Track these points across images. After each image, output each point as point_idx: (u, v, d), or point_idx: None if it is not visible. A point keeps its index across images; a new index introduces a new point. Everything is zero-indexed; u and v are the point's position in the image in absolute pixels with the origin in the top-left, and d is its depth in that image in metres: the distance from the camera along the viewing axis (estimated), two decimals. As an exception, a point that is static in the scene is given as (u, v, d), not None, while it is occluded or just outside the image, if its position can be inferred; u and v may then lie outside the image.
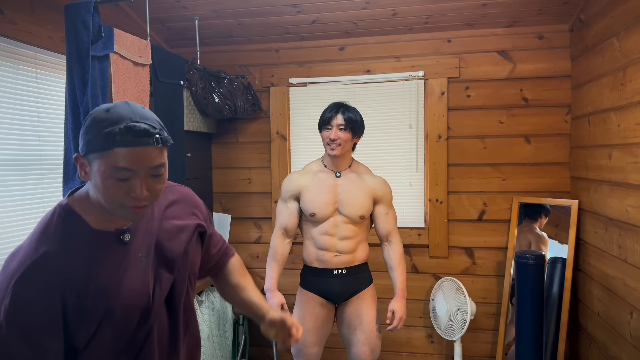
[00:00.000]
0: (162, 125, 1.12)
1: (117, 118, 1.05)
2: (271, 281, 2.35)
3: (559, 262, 2.85)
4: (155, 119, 1.10)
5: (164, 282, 1.21)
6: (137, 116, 1.07)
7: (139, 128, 1.04)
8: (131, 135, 1.04)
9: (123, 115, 1.05)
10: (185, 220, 1.31)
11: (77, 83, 2.07)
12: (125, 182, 1.05)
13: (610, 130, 2.39)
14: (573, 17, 2.88)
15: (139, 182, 1.06)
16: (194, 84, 2.99)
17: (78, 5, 2.06)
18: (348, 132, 2.29)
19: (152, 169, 1.07)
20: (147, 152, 1.05)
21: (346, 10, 2.91)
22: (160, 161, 1.08)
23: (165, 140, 1.08)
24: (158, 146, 1.07)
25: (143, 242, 1.19)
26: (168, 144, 1.10)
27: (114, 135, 1.03)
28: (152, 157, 1.07)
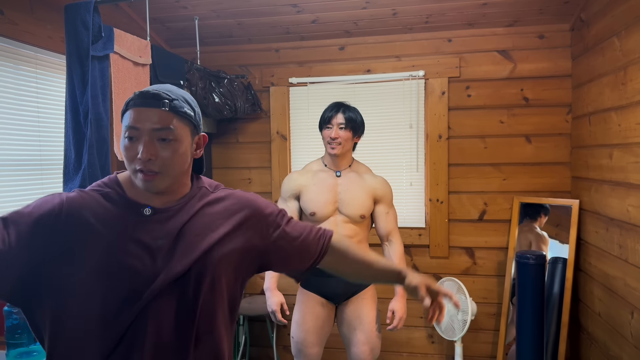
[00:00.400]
0: (187, 102, 1.17)
1: (143, 89, 1.15)
2: (271, 280, 2.35)
3: (560, 262, 2.84)
4: (181, 95, 1.17)
5: (172, 272, 1.11)
6: (159, 87, 1.15)
7: (150, 92, 1.12)
8: (140, 98, 1.12)
9: (149, 87, 1.15)
10: (225, 219, 1.21)
11: (77, 83, 2.06)
12: (133, 144, 1.11)
13: (611, 130, 2.39)
14: (574, 17, 2.88)
15: (144, 143, 1.10)
16: (194, 83, 2.99)
17: (78, 5, 2.06)
18: (348, 131, 2.29)
19: (155, 131, 1.11)
20: (151, 112, 1.11)
21: (346, 10, 2.91)
22: (164, 124, 1.11)
23: (174, 107, 1.12)
24: (163, 109, 1.11)
25: (166, 224, 1.15)
26: (180, 112, 1.13)
27: (129, 100, 1.13)
28: (156, 118, 1.11)
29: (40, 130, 2.34)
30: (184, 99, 1.16)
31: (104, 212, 1.12)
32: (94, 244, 1.09)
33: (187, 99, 1.18)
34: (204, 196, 1.23)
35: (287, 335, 3.40)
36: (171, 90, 1.16)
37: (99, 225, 1.10)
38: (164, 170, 1.12)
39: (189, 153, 1.18)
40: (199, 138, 1.23)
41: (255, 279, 3.48)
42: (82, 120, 2.06)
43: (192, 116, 1.17)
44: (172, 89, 1.17)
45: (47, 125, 2.38)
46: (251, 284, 3.49)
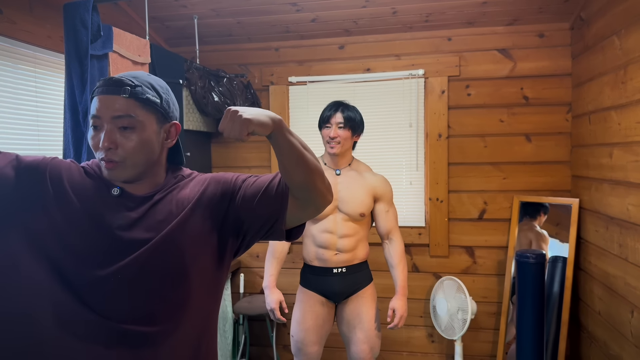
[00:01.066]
0: (154, 88, 1.13)
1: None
2: (270, 278, 2.35)
3: (560, 261, 2.84)
4: (146, 81, 1.13)
5: (141, 245, 1.08)
6: (126, 74, 1.12)
7: (113, 79, 1.10)
8: (104, 85, 1.10)
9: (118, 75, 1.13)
10: (188, 200, 1.16)
11: (76, 82, 2.06)
12: (97, 132, 1.10)
13: (611, 129, 2.38)
14: (573, 16, 2.87)
15: (105, 131, 1.09)
16: (193, 83, 2.98)
17: (77, 4, 2.06)
18: (347, 131, 2.28)
19: (115, 118, 1.08)
20: (112, 99, 1.08)
21: (346, 9, 2.90)
22: (124, 112, 1.08)
23: (135, 94, 1.09)
24: (123, 95, 1.08)
25: (130, 208, 1.13)
26: (141, 98, 1.10)
27: (96, 86, 1.11)
28: (116, 106, 1.08)
29: (39, 129, 2.34)
30: (149, 85, 1.12)
31: (80, 182, 1.13)
32: (62, 206, 1.09)
33: (155, 85, 1.14)
34: (176, 184, 1.19)
35: (287, 334, 3.40)
36: (137, 76, 1.13)
37: (72, 192, 1.11)
38: (126, 159, 1.10)
39: (155, 142, 1.13)
40: (170, 126, 1.17)
41: (255, 278, 3.48)
42: (81, 120, 2.06)
43: (158, 103, 1.12)
44: (139, 74, 1.14)
45: (46, 125, 2.38)
46: (251, 283, 3.49)
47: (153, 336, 1.09)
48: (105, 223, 1.10)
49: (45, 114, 2.37)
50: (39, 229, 1.07)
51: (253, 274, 3.49)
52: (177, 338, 1.12)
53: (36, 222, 1.07)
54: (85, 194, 1.12)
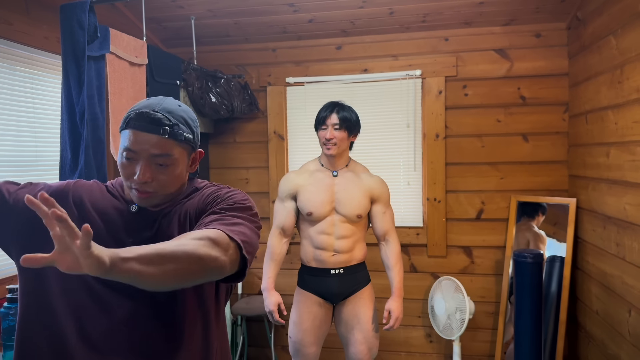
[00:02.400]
0: (187, 123, 1.15)
1: (142, 105, 1.13)
2: (268, 280, 2.34)
3: (558, 260, 2.85)
4: (180, 116, 1.15)
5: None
6: (159, 108, 1.12)
7: (151, 116, 1.10)
8: (140, 120, 1.10)
9: (148, 104, 1.13)
10: (193, 206, 1.20)
11: (73, 83, 2.06)
12: (131, 163, 1.12)
13: (608, 128, 2.39)
14: (570, 15, 2.88)
15: (141, 166, 1.11)
16: (190, 83, 2.98)
17: (73, 5, 2.05)
18: (344, 131, 2.28)
19: (154, 156, 1.11)
20: (150, 138, 1.10)
21: (343, 9, 2.90)
22: (164, 151, 1.11)
23: (174, 134, 1.11)
24: (163, 136, 1.10)
25: (147, 224, 1.16)
26: (179, 139, 1.12)
27: (129, 118, 1.11)
28: (156, 145, 1.10)
29: (36, 131, 2.34)
30: (184, 120, 1.15)
31: (101, 200, 1.18)
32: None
33: (187, 119, 1.16)
34: (188, 196, 1.23)
35: (285, 336, 3.40)
36: (172, 110, 1.13)
37: (94, 211, 1.16)
38: (159, 190, 1.15)
39: (185, 172, 1.20)
40: (196, 154, 1.23)
41: (253, 279, 3.48)
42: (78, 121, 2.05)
43: (192, 139, 1.16)
44: (172, 108, 1.14)
45: (43, 126, 2.37)
46: (249, 283, 3.49)
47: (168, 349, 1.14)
48: (123, 241, 1.14)
49: (42, 116, 2.37)
50: None
51: (251, 274, 3.49)
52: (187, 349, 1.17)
53: None
54: (105, 212, 1.17)
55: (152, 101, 1.14)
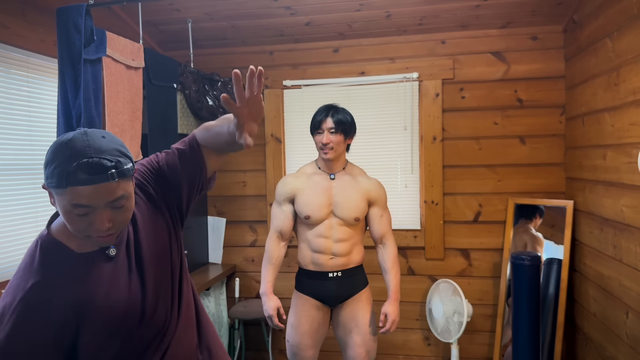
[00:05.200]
0: (122, 153, 1.08)
1: (71, 154, 1.02)
2: (267, 285, 2.33)
3: (555, 262, 2.85)
4: (114, 149, 1.07)
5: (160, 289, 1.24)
6: (92, 150, 1.03)
7: (92, 165, 1.02)
8: (84, 173, 1.01)
9: (77, 151, 1.02)
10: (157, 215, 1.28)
11: (70, 87, 2.05)
12: (86, 217, 1.05)
13: (605, 131, 2.39)
14: (566, 18, 2.89)
15: (99, 217, 1.05)
16: (187, 86, 2.98)
17: (70, 8, 2.05)
18: (340, 135, 2.27)
19: (111, 202, 1.06)
20: (103, 188, 1.03)
21: (340, 12, 2.91)
22: (119, 194, 1.06)
23: (122, 173, 1.05)
24: (114, 181, 1.04)
25: (130, 252, 1.20)
26: (127, 176, 1.07)
27: (67, 174, 1.01)
28: (110, 192, 1.04)
29: (33, 134, 2.33)
30: (119, 152, 1.07)
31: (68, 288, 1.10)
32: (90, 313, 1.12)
33: (119, 147, 1.09)
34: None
35: (283, 339, 3.39)
36: (104, 148, 1.05)
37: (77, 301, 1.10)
38: (121, 227, 1.11)
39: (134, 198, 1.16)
40: (134, 175, 1.19)
41: (250, 283, 3.47)
42: (75, 124, 2.05)
43: (132, 167, 1.10)
44: (102, 144, 1.05)
45: (39, 129, 2.37)
46: (246, 287, 3.48)
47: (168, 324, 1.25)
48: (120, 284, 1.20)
49: (38, 119, 2.36)
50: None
51: (248, 278, 3.48)
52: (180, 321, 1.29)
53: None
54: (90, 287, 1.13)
55: (78, 146, 1.03)
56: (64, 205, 1.04)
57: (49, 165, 1.04)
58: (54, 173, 1.02)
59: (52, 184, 1.03)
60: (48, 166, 1.04)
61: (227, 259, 3.50)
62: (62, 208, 1.05)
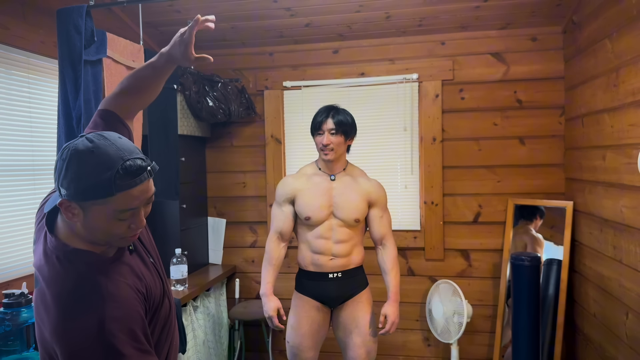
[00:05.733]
0: (138, 150, 1.10)
1: (108, 160, 1.01)
2: (267, 285, 2.33)
3: (555, 263, 2.85)
4: (135, 147, 1.08)
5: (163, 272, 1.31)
6: (126, 152, 1.03)
7: (135, 166, 1.03)
8: (130, 177, 1.02)
9: (113, 156, 1.02)
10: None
11: (70, 88, 2.06)
12: (127, 220, 1.06)
13: (604, 132, 2.40)
14: (566, 19, 2.89)
15: (139, 216, 1.07)
16: (187, 87, 2.98)
17: (70, 10, 2.06)
18: (340, 136, 2.27)
19: (148, 199, 1.08)
20: (145, 187, 1.05)
21: (340, 14, 2.91)
22: (153, 189, 1.09)
23: (154, 168, 1.08)
24: (151, 177, 1.07)
25: (142, 243, 1.27)
26: (155, 169, 1.09)
27: (114, 181, 1.00)
28: (149, 189, 1.07)
29: (33, 135, 2.33)
30: (138, 150, 1.09)
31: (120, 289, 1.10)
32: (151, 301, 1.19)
33: (135, 146, 1.11)
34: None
35: (283, 340, 3.38)
36: (133, 149, 1.07)
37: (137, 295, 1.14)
38: (145, 222, 1.13)
39: None
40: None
41: (251, 283, 3.47)
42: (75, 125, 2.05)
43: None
44: (130, 146, 1.07)
45: (40, 131, 2.37)
46: (246, 288, 3.48)
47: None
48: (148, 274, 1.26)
49: (38, 120, 2.36)
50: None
51: (248, 279, 3.48)
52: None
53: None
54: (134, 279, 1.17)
55: (110, 151, 1.03)
56: (107, 214, 1.02)
57: (80, 179, 1.00)
58: (94, 185, 0.99)
59: (92, 196, 1.00)
60: (78, 180, 1.00)
61: (227, 260, 3.50)
62: (100, 218, 1.03)
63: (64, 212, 1.04)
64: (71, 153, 1.02)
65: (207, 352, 2.99)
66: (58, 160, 1.05)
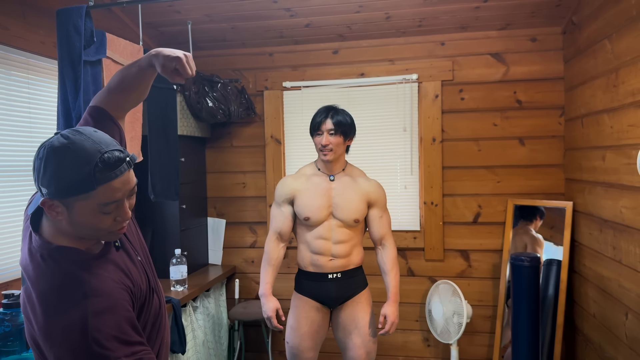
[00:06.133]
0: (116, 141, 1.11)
1: (86, 155, 1.00)
2: (266, 286, 2.34)
3: (554, 263, 2.85)
4: (111, 139, 1.08)
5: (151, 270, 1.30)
6: (103, 145, 1.03)
7: (114, 158, 1.02)
8: (109, 169, 1.02)
9: (90, 150, 1.01)
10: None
11: (70, 88, 2.06)
12: (111, 213, 1.06)
13: (604, 132, 2.40)
14: (565, 20, 2.89)
15: (123, 208, 1.07)
16: (187, 88, 2.98)
17: (70, 10, 2.06)
18: (339, 137, 2.27)
19: (131, 190, 1.08)
20: (126, 178, 1.05)
21: (340, 14, 2.91)
22: (135, 179, 1.09)
23: (133, 159, 1.09)
24: (130, 168, 1.07)
25: (128, 240, 1.26)
26: (133, 158, 1.09)
27: (94, 175, 1.00)
28: (130, 180, 1.07)
29: (33, 135, 2.33)
30: (114, 141, 1.09)
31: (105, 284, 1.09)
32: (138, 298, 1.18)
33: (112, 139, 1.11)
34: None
35: (283, 340, 3.39)
36: (110, 141, 1.07)
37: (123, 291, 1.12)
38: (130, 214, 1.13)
39: None
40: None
41: (250, 284, 3.47)
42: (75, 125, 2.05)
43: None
44: (107, 138, 1.07)
45: (40, 131, 2.37)
46: (246, 288, 3.48)
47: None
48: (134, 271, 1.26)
49: (38, 121, 2.36)
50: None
51: (248, 279, 3.48)
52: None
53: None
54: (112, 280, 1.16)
55: (86, 145, 1.02)
56: (91, 209, 1.03)
57: (59, 176, 0.99)
58: (75, 180, 0.99)
59: (73, 192, 1.00)
60: (58, 178, 1.00)
61: (227, 260, 3.50)
62: (85, 213, 1.03)
63: (48, 211, 1.04)
64: (47, 151, 1.02)
65: (206, 352, 2.99)
66: (35, 159, 1.04)
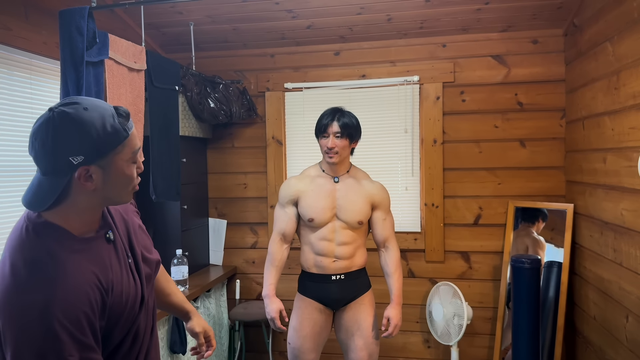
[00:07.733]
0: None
1: (104, 110, 1.06)
2: (269, 287, 2.33)
3: (555, 266, 2.85)
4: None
5: (146, 277, 1.26)
6: (107, 103, 1.11)
7: (120, 108, 1.10)
8: (125, 118, 1.09)
9: (101, 105, 1.07)
10: (137, 220, 1.34)
11: (72, 89, 2.06)
12: (136, 162, 1.13)
13: (605, 134, 2.40)
14: (567, 22, 2.90)
15: (142, 155, 1.15)
16: (189, 89, 2.99)
17: (72, 11, 2.06)
18: (345, 139, 2.27)
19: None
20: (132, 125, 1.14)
21: (341, 16, 2.92)
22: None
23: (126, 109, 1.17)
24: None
25: (122, 239, 1.22)
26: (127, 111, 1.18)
27: (121, 124, 1.06)
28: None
29: (35, 136, 2.33)
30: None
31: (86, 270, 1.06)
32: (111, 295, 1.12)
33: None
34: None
35: (283, 341, 3.39)
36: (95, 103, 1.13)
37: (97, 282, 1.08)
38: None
39: None
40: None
41: (251, 284, 3.48)
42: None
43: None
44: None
45: (42, 131, 2.37)
46: (246, 289, 3.48)
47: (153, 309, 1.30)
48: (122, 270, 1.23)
49: (40, 121, 2.36)
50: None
51: (249, 280, 3.48)
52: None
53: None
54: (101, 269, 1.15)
55: (96, 104, 1.06)
56: (126, 160, 1.09)
57: (90, 136, 1.01)
58: (108, 134, 1.03)
59: (113, 145, 1.04)
60: (90, 138, 1.01)
61: (228, 261, 3.50)
62: (122, 166, 1.08)
63: (83, 182, 1.04)
64: (63, 121, 1.01)
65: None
66: (45, 139, 1.00)
